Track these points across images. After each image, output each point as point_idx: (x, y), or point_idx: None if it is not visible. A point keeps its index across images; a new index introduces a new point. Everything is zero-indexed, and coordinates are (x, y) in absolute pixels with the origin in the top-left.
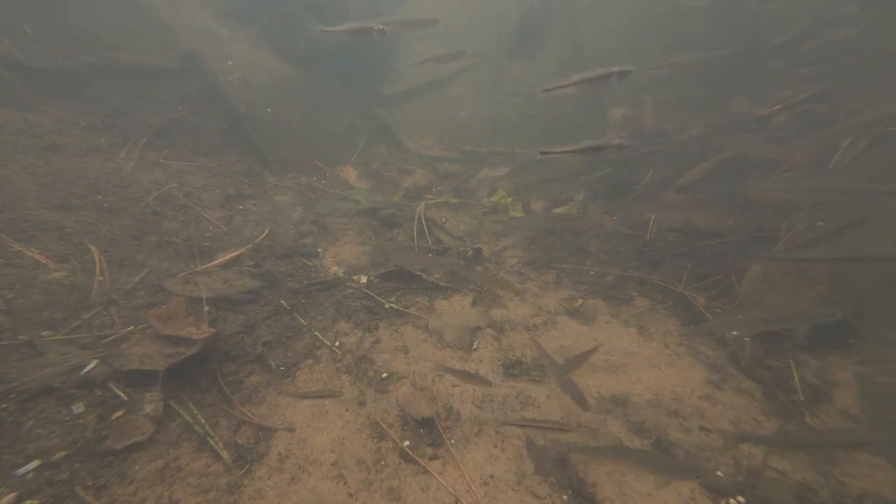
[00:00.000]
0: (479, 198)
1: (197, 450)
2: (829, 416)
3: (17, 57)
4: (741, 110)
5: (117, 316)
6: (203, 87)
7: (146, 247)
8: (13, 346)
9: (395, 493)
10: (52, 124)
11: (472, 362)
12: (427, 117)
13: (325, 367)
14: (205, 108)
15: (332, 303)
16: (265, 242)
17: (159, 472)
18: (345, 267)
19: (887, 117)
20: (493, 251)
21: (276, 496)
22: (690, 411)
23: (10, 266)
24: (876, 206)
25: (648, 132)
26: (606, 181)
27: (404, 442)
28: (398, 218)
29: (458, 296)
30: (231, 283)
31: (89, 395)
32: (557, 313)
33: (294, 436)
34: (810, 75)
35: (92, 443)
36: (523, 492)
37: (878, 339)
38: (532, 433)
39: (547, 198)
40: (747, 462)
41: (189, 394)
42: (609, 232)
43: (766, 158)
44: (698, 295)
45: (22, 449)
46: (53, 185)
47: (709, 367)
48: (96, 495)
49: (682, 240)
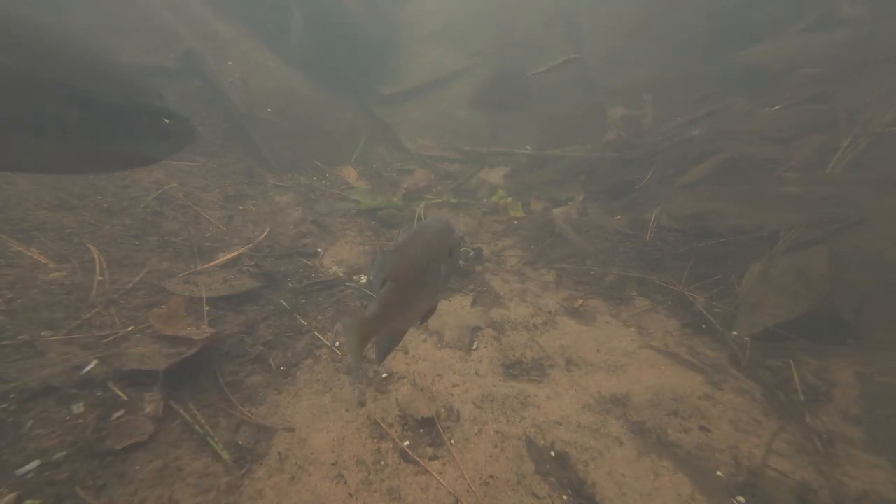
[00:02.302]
0: (479, 198)
1: (197, 450)
2: (829, 416)
3: None
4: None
5: (117, 316)
6: (203, 87)
7: (146, 247)
8: (13, 346)
9: (395, 492)
10: None
11: (472, 362)
12: (427, 117)
13: (325, 367)
14: (205, 108)
15: (332, 303)
16: (265, 242)
17: (159, 472)
18: (345, 267)
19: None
20: (493, 251)
21: (276, 496)
22: (690, 411)
23: (10, 266)
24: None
25: (648, 132)
26: (607, 181)
27: (404, 442)
28: (398, 218)
29: (458, 296)
30: (231, 283)
31: (89, 395)
32: (557, 313)
33: (294, 436)
34: (810, 76)
35: (92, 443)
36: (523, 492)
37: (878, 339)
38: (532, 433)
39: (547, 198)
40: (747, 462)
41: (189, 394)
42: (609, 232)
43: (767, 158)
44: (698, 295)
45: (22, 449)
46: (53, 185)
47: (709, 367)
48: (96, 495)
49: (682, 240)
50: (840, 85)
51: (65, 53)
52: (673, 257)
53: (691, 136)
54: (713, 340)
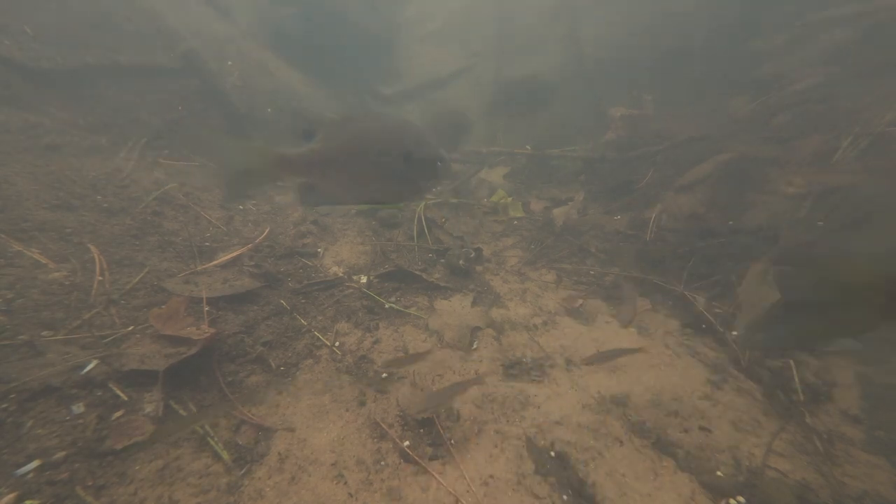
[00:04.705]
0: (479, 198)
1: (197, 450)
2: (829, 416)
3: (17, 57)
4: (742, 110)
5: (117, 316)
6: (203, 87)
7: (146, 247)
8: (13, 346)
9: (395, 493)
10: (52, 124)
11: (472, 362)
12: (427, 117)
13: (325, 367)
14: (205, 108)
15: (332, 303)
16: (265, 242)
17: (159, 472)
18: (345, 267)
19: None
20: (493, 251)
21: (276, 496)
22: (690, 411)
23: (10, 266)
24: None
25: (648, 132)
26: (606, 181)
27: (404, 442)
28: (398, 218)
29: (458, 296)
30: (231, 283)
31: (89, 395)
32: (557, 313)
33: (294, 436)
34: (810, 76)
35: (92, 443)
36: (523, 492)
37: (878, 339)
38: (532, 433)
39: (547, 198)
40: (747, 462)
41: (189, 394)
42: (609, 232)
43: (767, 158)
44: (698, 295)
45: (22, 449)
46: (53, 185)
47: (709, 367)
48: (96, 495)
49: (682, 240)
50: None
51: (400, 130)
52: (673, 257)
53: (690, 136)
54: (713, 340)
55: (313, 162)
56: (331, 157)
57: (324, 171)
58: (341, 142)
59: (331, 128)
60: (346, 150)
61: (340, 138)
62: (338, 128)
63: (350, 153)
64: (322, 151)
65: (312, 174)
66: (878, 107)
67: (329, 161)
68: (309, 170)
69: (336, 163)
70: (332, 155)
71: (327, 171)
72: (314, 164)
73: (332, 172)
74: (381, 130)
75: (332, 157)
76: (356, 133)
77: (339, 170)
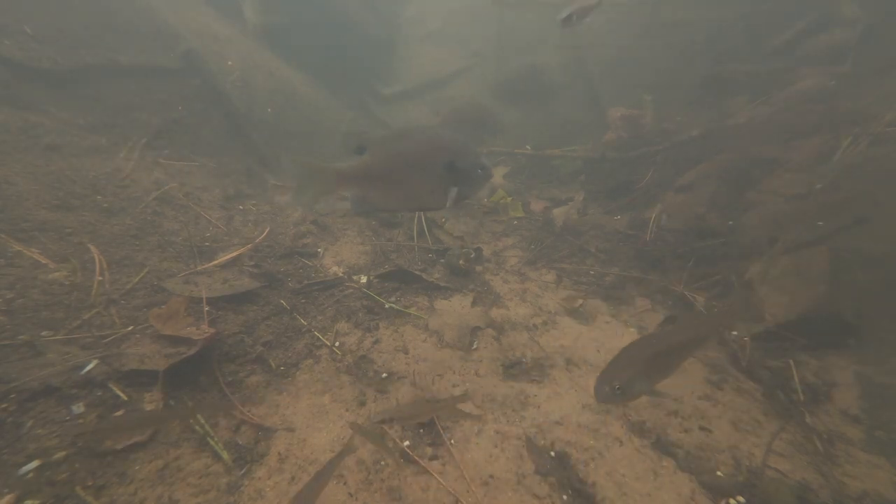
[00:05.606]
0: (479, 198)
1: (197, 450)
2: (829, 416)
3: (17, 57)
4: (741, 110)
5: (117, 316)
6: (203, 87)
7: (146, 247)
8: (13, 346)
9: (395, 492)
10: (52, 124)
11: (472, 362)
12: (426, 117)
13: (325, 367)
14: (205, 108)
15: (332, 303)
16: (265, 242)
17: (159, 472)
18: (345, 267)
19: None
20: (493, 251)
21: (276, 496)
22: (690, 411)
23: (10, 266)
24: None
25: (648, 132)
26: (607, 181)
27: (404, 442)
28: (398, 218)
29: (458, 296)
30: (231, 283)
31: (89, 395)
32: (557, 313)
33: (294, 436)
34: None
35: (92, 443)
36: (523, 492)
37: (878, 339)
38: (532, 433)
39: (547, 198)
40: (747, 462)
41: (189, 394)
42: (609, 232)
43: (767, 158)
44: (698, 295)
45: (22, 449)
46: (53, 185)
47: (709, 367)
48: (96, 495)
49: (682, 240)
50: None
51: (444, 142)
52: (673, 257)
53: (690, 136)
54: (713, 340)
55: (365, 175)
56: (380, 170)
57: (374, 182)
58: (388, 155)
59: (380, 143)
60: (393, 163)
61: (388, 152)
62: (386, 143)
63: (396, 165)
64: (372, 165)
65: (364, 186)
66: (878, 107)
67: (379, 173)
68: (361, 182)
69: (385, 174)
70: (381, 168)
71: (377, 183)
72: (366, 177)
73: (381, 183)
74: (426, 143)
75: (381, 170)
76: (402, 147)
77: (387, 180)
